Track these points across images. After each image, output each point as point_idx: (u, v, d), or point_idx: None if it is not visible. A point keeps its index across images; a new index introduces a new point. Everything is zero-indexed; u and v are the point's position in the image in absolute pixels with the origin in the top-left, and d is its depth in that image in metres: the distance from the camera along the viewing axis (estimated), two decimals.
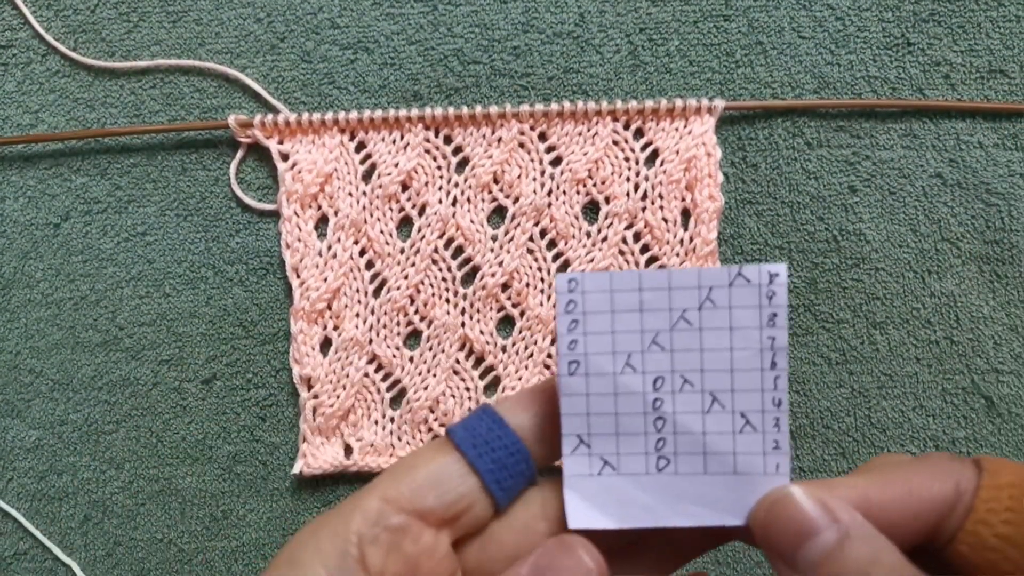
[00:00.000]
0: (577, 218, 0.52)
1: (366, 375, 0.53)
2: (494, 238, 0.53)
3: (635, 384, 0.27)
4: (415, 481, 0.27)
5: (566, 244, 0.52)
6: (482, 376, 0.53)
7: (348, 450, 0.53)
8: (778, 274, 0.27)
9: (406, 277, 0.52)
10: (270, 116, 0.53)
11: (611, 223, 0.52)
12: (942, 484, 0.27)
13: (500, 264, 0.52)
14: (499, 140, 0.52)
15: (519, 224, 0.52)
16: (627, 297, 0.27)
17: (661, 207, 0.52)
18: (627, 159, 0.52)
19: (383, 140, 0.53)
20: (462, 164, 0.53)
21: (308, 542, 0.27)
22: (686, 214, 0.52)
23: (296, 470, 0.52)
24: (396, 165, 0.53)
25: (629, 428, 0.28)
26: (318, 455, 0.52)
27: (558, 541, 0.27)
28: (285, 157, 0.53)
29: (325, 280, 0.52)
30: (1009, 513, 0.26)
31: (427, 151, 0.53)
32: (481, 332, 0.52)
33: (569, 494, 0.27)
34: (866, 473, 0.28)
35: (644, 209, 0.52)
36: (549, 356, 0.52)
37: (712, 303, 0.27)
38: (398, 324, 0.53)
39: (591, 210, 0.53)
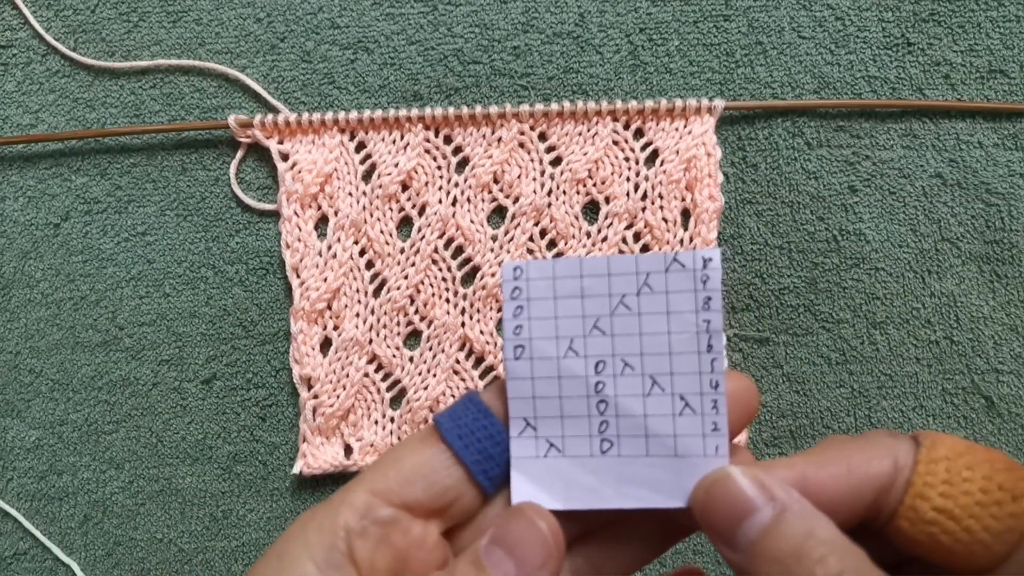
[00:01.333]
0: (577, 218, 0.52)
1: (366, 375, 0.53)
2: (494, 238, 0.53)
3: (578, 368, 0.28)
4: (402, 473, 0.27)
5: (566, 244, 0.52)
6: (482, 376, 0.53)
7: (348, 450, 0.53)
8: (711, 259, 0.27)
9: (406, 277, 0.52)
10: (270, 116, 0.53)
11: (611, 223, 0.52)
12: (880, 461, 0.27)
13: (500, 264, 0.52)
14: (499, 140, 0.52)
15: (519, 224, 0.52)
16: (569, 284, 0.28)
17: (661, 207, 0.52)
18: (627, 159, 0.52)
19: (383, 140, 0.53)
20: (462, 164, 0.53)
21: (297, 536, 0.27)
22: (686, 214, 0.52)
23: (296, 470, 0.52)
24: (396, 165, 0.53)
25: (573, 411, 0.28)
26: (318, 455, 0.52)
27: (512, 510, 0.27)
28: (285, 157, 0.53)
29: (325, 280, 0.52)
30: (945, 486, 0.26)
31: (427, 151, 0.53)
32: (481, 332, 0.52)
33: (516, 475, 0.28)
34: (806, 453, 0.28)
35: (644, 209, 0.52)
36: None
37: (649, 288, 0.28)
38: (398, 324, 0.53)
39: (591, 210, 0.53)
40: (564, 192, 0.52)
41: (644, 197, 0.52)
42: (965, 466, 0.27)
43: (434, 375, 0.52)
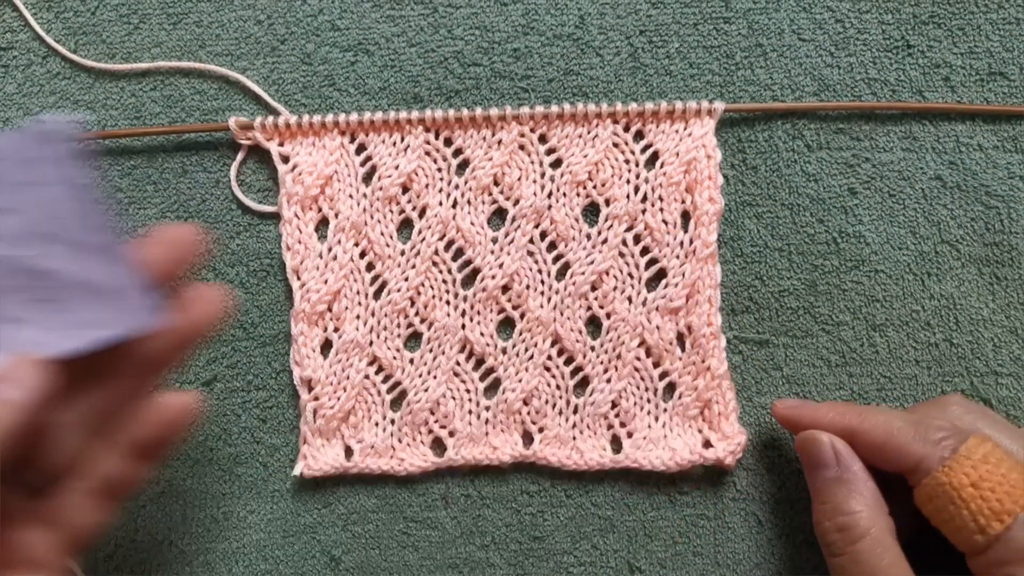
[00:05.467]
0: (577, 220, 0.52)
1: (366, 377, 0.53)
2: (494, 240, 0.53)
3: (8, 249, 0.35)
4: None
5: (566, 246, 0.52)
6: (482, 378, 0.53)
7: (349, 452, 0.53)
8: (59, 126, 0.35)
9: (406, 279, 0.53)
10: (270, 118, 0.53)
11: (611, 225, 0.52)
12: (904, 459, 0.43)
13: (500, 266, 0.52)
14: (499, 142, 0.52)
15: (519, 226, 0.52)
16: None
17: (661, 209, 0.52)
18: (627, 161, 0.52)
19: (383, 142, 0.53)
20: (462, 166, 0.53)
21: None
22: (686, 216, 0.52)
23: (297, 472, 0.52)
24: (396, 167, 0.53)
25: (10, 285, 0.35)
26: (319, 457, 0.52)
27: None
28: (285, 159, 0.53)
29: (326, 282, 0.53)
30: (931, 505, 0.42)
31: (427, 153, 0.53)
32: (481, 334, 0.52)
33: None
34: (862, 411, 0.46)
35: (644, 211, 0.52)
36: (550, 358, 0.52)
37: (26, 165, 0.34)
38: (398, 326, 0.53)
39: (591, 212, 0.53)
40: (564, 194, 0.52)
41: (644, 199, 0.52)
42: (985, 472, 0.40)
43: (434, 377, 0.52)
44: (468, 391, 0.53)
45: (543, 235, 0.53)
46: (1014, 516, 0.39)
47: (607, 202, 0.52)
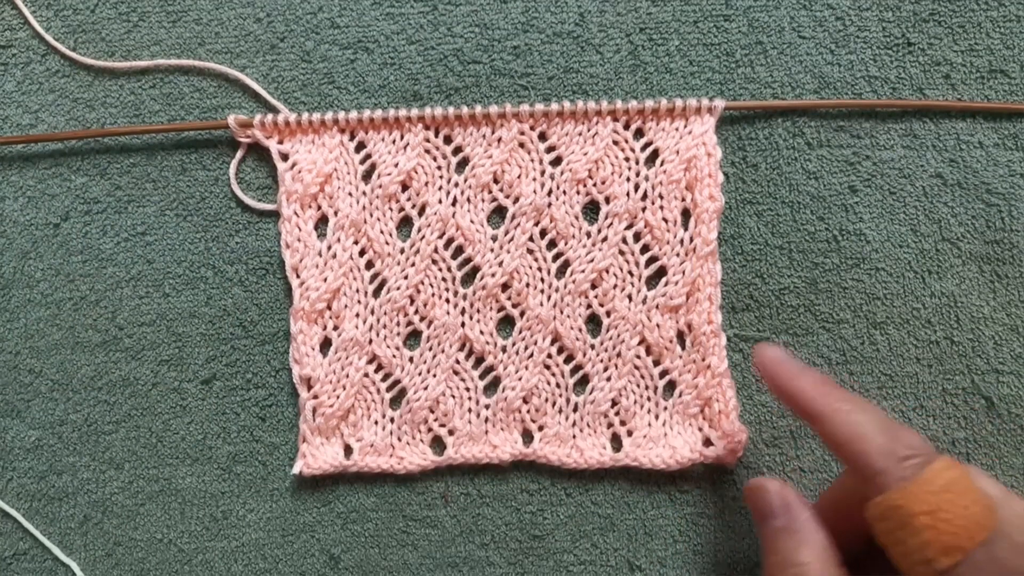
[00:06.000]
0: (577, 218, 0.52)
1: (366, 375, 0.53)
2: (494, 238, 0.53)
3: None
4: None
5: (566, 244, 0.52)
6: (482, 376, 0.53)
7: (348, 450, 0.53)
8: None
9: (406, 277, 0.52)
10: (270, 116, 0.53)
11: (611, 223, 0.52)
12: (863, 467, 0.39)
13: (500, 264, 0.52)
14: (499, 140, 0.52)
15: (519, 224, 0.52)
16: None
17: (661, 207, 0.52)
18: (627, 159, 0.52)
19: (383, 140, 0.53)
20: (462, 164, 0.53)
21: None
22: (686, 214, 0.52)
23: (296, 470, 0.52)
24: (396, 165, 0.53)
25: None
26: (318, 455, 0.52)
27: None
28: (285, 157, 0.53)
29: (325, 280, 0.52)
30: (882, 524, 0.39)
31: (427, 151, 0.53)
32: (481, 332, 0.52)
33: None
34: (845, 400, 0.41)
35: (644, 209, 0.52)
36: (550, 356, 0.52)
37: None
38: (398, 324, 0.53)
39: (591, 210, 0.53)
40: (564, 192, 0.52)
41: (644, 197, 0.52)
42: (945, 502, 0.37)
43: (434, 375, 0.52)
44: (468, 389, 0.52)
45: (543, 233, 0.53)
46: (965, 553, 0.36)
47: (607, 200, 0.52)
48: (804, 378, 0.43)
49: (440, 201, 0.53)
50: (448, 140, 0.53)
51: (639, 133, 0.53)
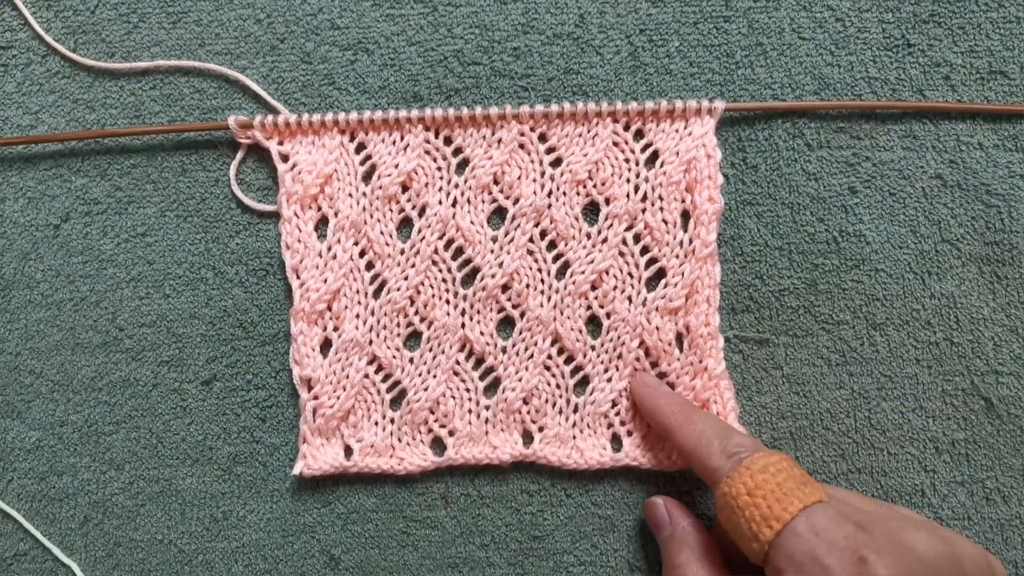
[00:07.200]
0: (577, 219, 0.52)
1: (366, 376, 0.53)
2: (494, 239, 0.53)
3: None
4: None
5: (566, 245, 0.52)
6: (482, 377, 0.53)
7: (348, 451, 0.53)
8: None
9: (406, 278, 0.52)
10: (270, 117, 0.53)
11: (611, 224, 0.52)
12: (704, 469, 0.44)
13: (500, 265, 0.52)
14: (499, 141, 0.52)
15: (519, 225, 0.52)
16: None
17: (661, 208, 0.52)
18: (627, 160, 0.52)
19: (383, 141, 0.53)
20: (462, 165, 0.53)
21: None
22: (686, 215, 0.52)
23: (296, 471, 0.52)
24: (396, 166, 0.53)
25: None
26: (318, 456, 0.52)
27: None
28: (285, 158, 0.53)
29: (325, 281, 0.52)
30: (721, 515, 0.42)
31: (427, 152, 0.53)
32: (481, 333, 0.52)
33: None
34: (689, 411, 0.47)
35: (644, 210, 0.52)
36: (550, 357, 0.52)
37: None
38: (398, 325, 0.53)
39: (591, 211, 0.53)
40: (564, 193, 0.52)
41: (644, 198, 0.52)
42: (761, 480, 0.40)
43: (434, 376, 0.52)
44: (468, 390, 0.52)
45: (543, 234, 0.53)
46: (783, 522, 0.39)
47: (607, 201, 0.52)
48: (661, 398, 0.49)
49: (440, 202, 0.53)
50: (448, 141, 0.53)
51: (639, 134, 0.53)
